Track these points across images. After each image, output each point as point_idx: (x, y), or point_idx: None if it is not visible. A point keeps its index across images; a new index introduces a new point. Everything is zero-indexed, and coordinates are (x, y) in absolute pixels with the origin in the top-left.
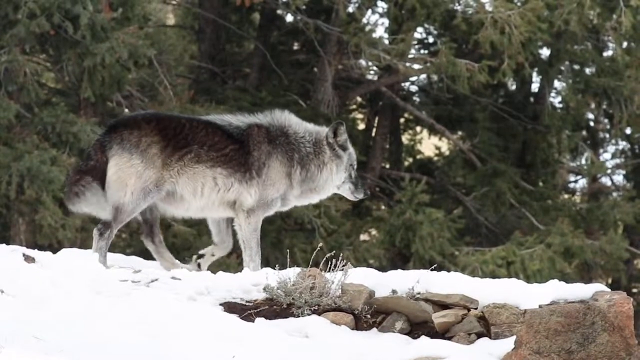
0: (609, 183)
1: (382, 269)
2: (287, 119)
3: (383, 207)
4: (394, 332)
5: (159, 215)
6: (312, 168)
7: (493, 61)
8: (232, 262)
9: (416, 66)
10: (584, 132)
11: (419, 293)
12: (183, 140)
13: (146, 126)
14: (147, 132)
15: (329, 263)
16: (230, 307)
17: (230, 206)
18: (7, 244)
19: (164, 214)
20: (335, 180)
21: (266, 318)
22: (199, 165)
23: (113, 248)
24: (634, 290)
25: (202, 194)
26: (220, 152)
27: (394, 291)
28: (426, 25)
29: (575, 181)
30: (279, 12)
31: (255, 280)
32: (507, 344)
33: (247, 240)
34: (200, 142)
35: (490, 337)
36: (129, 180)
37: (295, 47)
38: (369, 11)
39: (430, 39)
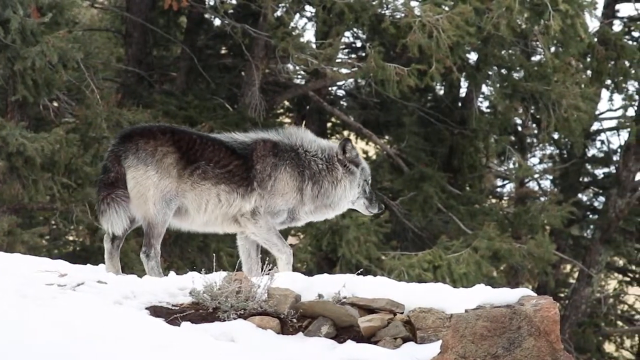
0: (536, 188)
1: (309, 273)
2: (300, 136)
3: None
4: (319, 336)
5: (134, 224)
6: (326, 184)
7: (422, 65)
8: None
9: (344, 70)
10: (512, 137)
11: (345, 297)
12: (193, 155)
13: (162, 136)
14: (163, 142)
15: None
16: (156, 311)
17: (235, 221)
18: None
19: (169, 227)
20: (349, 196)
21: (192, 322)
22: (206, 182)
23: (39, 252)
24: (561, 295)
25: (205, 210)
26: (224, 168)
27: (320, 295)
28: (354, 30)
29: (503, 186)
30: (207, 16)
31: (181, 284)
32: (433, 349)
33: (268, 240)
34: (207, 158)
35: (416, 342)
36: (148, 192)
37: (223, 51)
38: (297, 15)
39: (358, 43)
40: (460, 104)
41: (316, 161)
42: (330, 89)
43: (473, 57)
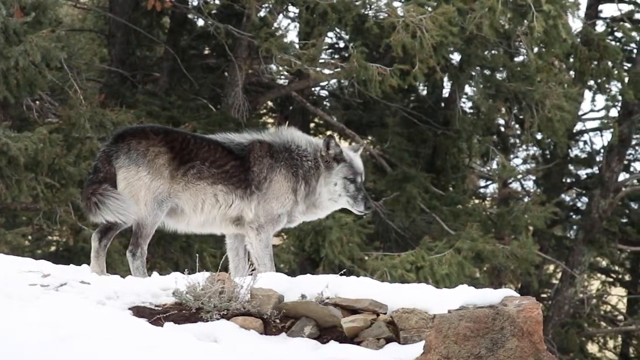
0: (519, 188)
1: (292, 273)
2: (291, 134)
3: None
4: (302, 336)
5: (123, 225)
6: (313, 182)
7: (405, 65)
8: None
9: (327, 71)
10: (495, 137)
11: (328, 298)
12: (187, 155)
13: (154, 137)
14: (155, 143)
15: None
16: (139, 311)
17: (233, 222)
18: None
19: (164, 227)
20: (324, 193)
21: (175, 322)
22: (201, 181)
23: (22, 252)
24: (544, 295)
25: (202, 210)
26: (221, 168)
27: (303, 296)
28: (337, 30)
29: (486, 186)
30: (190, 16)
31: (164, 284)
32: (416, 349)
33: (260, 258)
34: (202, 158)
35: (399, 342)
36: (139, 193)
37: (206, 51)
38: (280, 16)
39: (342, 44)
40: (443, 105)
41: (307, 157)
42: (313, 89)
43: (456, 57)
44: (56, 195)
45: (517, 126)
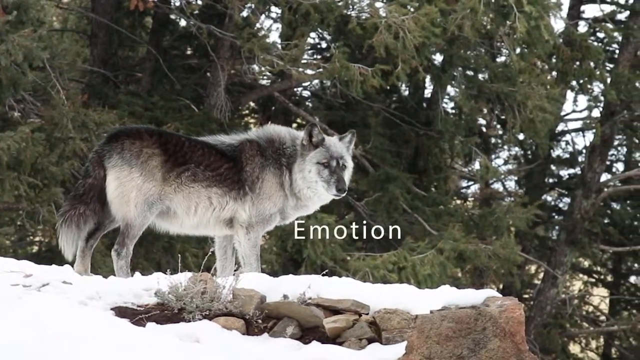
0: (500, 189)
1: (274, 274)
2: (272, 128)
3: None
4: (285, 337)
5: (111, 225)
6: (293, 170)
7: (387, 65)
8: None
9: (309, 71)
10: (477, 138)
11: (310, 298)
12: (182, 158)
13: (148, 138)
14: (149, 144)
15: None
16: (121, 311)
17: (227, 224)
18: None
19: (157, 228)
20: (299, 180)
21: (157, 323)
22: (195, 184)
23: (4, 253)
24: (526, 296)
25: (195, 212)
26: (215, 171)
27: (285, 296)
28: (320, 30)
29: (467, 187)
30: (172, 16)
31: (146, 284)
32: (398, 350)
33: (247, 257)
34: (197, 161)
35: (381, 343)
36: (131, 194)
37: (188, 51)
38: (263, 16)
39: (324, 44)
40: (425, 105)
41: (286, 145)
42: (295, 89)
43: (438, 58)
44: (39, 195)
45: (499, 127)
